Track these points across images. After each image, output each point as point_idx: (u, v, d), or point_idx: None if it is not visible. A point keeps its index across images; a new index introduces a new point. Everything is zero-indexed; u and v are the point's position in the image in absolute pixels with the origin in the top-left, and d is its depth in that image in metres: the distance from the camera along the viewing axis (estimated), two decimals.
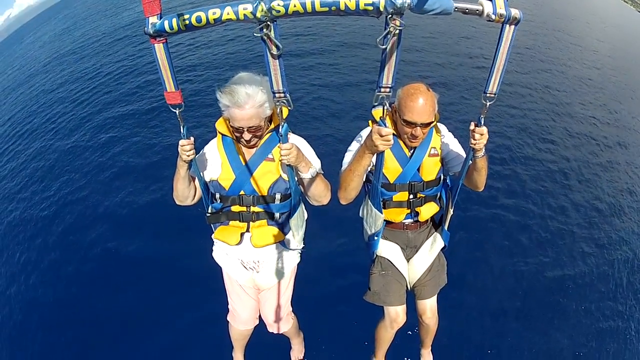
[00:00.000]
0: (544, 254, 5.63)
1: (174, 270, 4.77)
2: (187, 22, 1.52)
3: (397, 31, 1.45)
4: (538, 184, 7.03)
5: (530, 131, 8.67)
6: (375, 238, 2.53)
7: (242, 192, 2.26)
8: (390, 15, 1.41)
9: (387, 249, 2.63)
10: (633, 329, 5.01)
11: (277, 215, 2.33)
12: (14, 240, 6.20)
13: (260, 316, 2.78)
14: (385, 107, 1.77)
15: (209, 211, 2.36)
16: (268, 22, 1.47)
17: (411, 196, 2.45)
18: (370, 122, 2.36)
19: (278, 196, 2.27)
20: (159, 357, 4.08)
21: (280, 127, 1.87)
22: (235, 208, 2.30)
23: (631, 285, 5.61)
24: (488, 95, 1.85)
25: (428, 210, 2.53)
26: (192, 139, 1.98)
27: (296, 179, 2.15)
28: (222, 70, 10.10)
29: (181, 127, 1.93)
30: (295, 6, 1.41)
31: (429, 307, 2.68)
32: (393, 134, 1.94)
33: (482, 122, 1.97)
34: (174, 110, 1.85)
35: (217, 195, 2.30)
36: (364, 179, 2.29)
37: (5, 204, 7.25)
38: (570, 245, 5.93)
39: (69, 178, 7.34)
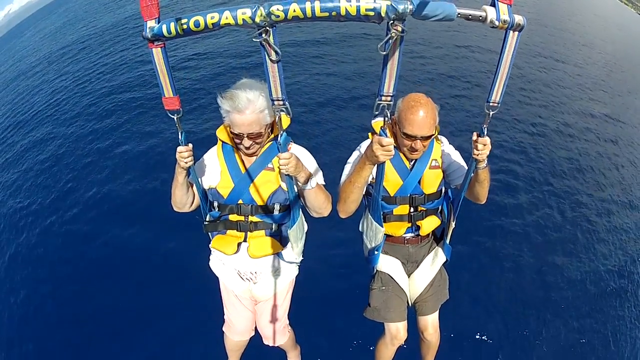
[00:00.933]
0: (550, 265, 5.54)
1: (169, 275, 4.72)
2: (185, 26, 1.50)
3: (399, 37, 1.43)
4: (540, 189, 6.99)
5: (530, 135, 8.68)
6: (376, 252, 2.48)
7: (240, 201, 2.23)
8: (391, 21, 1.39)
9: (387, 264, 2.58)
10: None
11: (275, 226, 2.29)
12: (9, 227, 6.20)
13: (256, 328, 2.73)
14: (386, 118, 1.73)
15: (207, 219, 2.33)
16: (267, 27, 1.45)
17: (412, 209, 2.41)
18: (370, 134, 2.33)
19: (277, 206, 2.23)
20: None
21: (280, 136, 1.84)
22: (233, 217, 2.27)
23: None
24: (491, 104, 1.81)
25: (429, 223, 2.48)
26: (190, 145, 1.96)
27: (296, 189, 2.11)
28: (223, 75, 10.09)
29: (179, 134, 1.90)
30: (294, 11, 1.39)
31: (430, 323, 2.62)
32: (393, 146, 1.91)
33: (485, 132, 1.93)
34: (172, 117, 1.83)
35: (215, 204, 2.27)
36: (363, 192, 2.25)
37: (4, 190, 7.29)
38: (578, 252, 5.86)
39: (69, 166, 7.37)
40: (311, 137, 7.20)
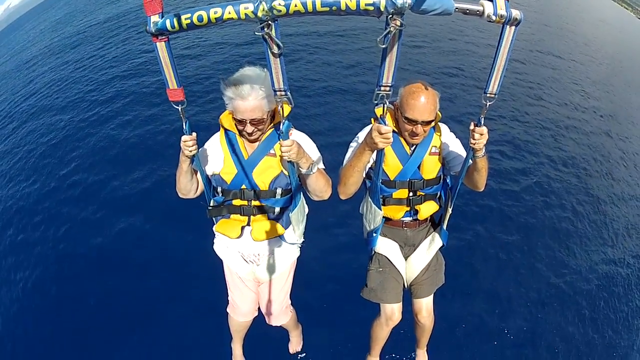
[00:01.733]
0: (547, 254, 5.61)
1: (174, 258, 4.79)
2: (188, 21, 1.52)
3: (398, 31, 1.46)
4: (539, 178, 7.04)
5: (527, 125, 8.70)
6: (374, 234, 2.54)
7: (243, 186, 2.28)
8: (390, 15, 1.42)
9: (385, 246, 2.64)
10: None
11: (277, 209, 2.36)
12: (9, 212, 6.24)
13: (259, 308, 2.82)
14: (386, 106, 1.77)
15: (211, 204, 2.38)
16: (269, 22, 1.48)
17: (411, 194, 2.46)
18: (372, 120, 2.37)
19: (279, 191, 2.29)
20: (158, 346, 4.09)
21: (281, 124, 1.89)
22: (237, 202, 2.33)
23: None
24: (488, 95, 1.85)
25: (427, 208, 2.53)
26: (194, 134, 2.01)
27: (297, 174, 2.17)
28: (225, 64, 10.02)
29: (184, 123, 1.94)
30: (296, 6, 1.41)
31: (424, 306, 2.69)
32: (394, 132, 1.95)
33: (482, 122, 1.97)
34: (177, 107, 1.86)
35: (219, 189, 2.32)
36: (364, 175, 2.31)
37: (4, 175, 7.32)
38: (575, 239, 5.93)
39: (71, 153, 7.37)
40: (312, 122, 7.23)
